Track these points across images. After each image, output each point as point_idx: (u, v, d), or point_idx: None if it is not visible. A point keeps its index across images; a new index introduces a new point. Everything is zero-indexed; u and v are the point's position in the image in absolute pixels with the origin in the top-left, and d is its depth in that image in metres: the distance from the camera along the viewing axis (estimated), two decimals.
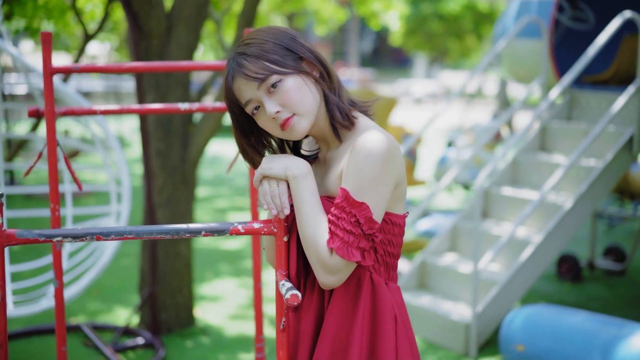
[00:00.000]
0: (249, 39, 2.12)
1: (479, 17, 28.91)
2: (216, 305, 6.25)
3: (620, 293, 6.67)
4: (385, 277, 2.20)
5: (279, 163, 2.14)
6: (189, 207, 5.59)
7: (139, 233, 2.12)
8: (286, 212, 2.12)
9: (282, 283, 2.12)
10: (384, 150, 2.06)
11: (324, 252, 2.07)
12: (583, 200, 5.50)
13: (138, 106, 3.15)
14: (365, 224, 2.06)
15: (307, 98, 2.11)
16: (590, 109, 6.29)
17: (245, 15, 5.16)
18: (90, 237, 2.10)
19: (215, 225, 2.15)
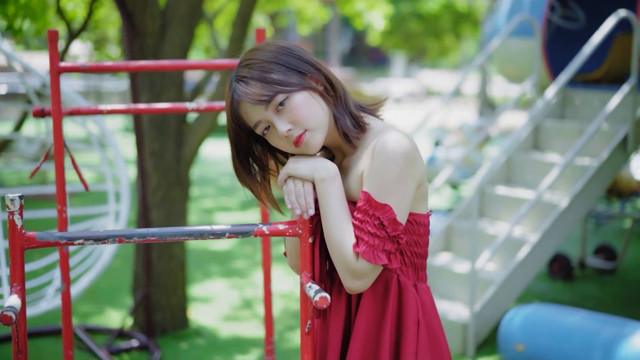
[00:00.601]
0: (247, 61, 2.08)
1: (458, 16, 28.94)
2: (208, 307, 6.20)
3: (613, 292, 6.68)
4: (414, 279, 2.18)
5: (306, 164, 2.10)
6: (183, 208, 5.54)
7: (162, 235, 2.09)
8: (311, 213, 2.09)
9: (309, 285, 2.09)
10: (404, 151, 2.04)
11: (350, 257, 2.04)
12: (578, 199, 5.50)
13: (145, 105, 3.10)
14: (389, 225, 2.03)
15: (317, 112, 2.09)
16: (582, 108, 6.30)
17: (242, 15, 5.12)
18: (112, 239, 2.06)
19: (240, 227, 2.12)
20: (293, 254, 2.31)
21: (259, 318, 5.95)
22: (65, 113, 3.00)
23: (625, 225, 9.35)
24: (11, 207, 1.98)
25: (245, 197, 10.87)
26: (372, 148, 2.07)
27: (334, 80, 2.16)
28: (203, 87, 5.73)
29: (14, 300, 1.98)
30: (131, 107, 3.06)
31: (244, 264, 7.46)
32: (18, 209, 1.98)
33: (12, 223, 1.99)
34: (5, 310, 1.91)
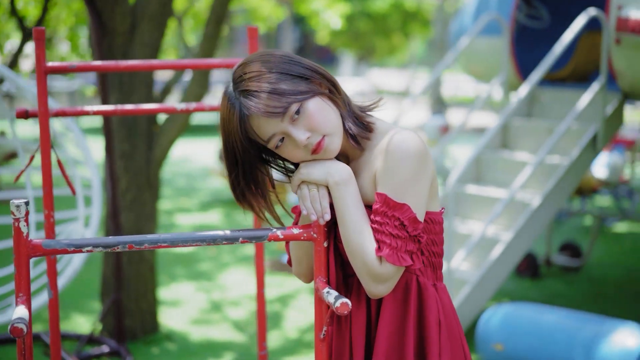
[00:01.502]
0: (249, 74, 2.01)
1: (406, 16, 29.08)
2: (177, 311, 6.09)
3: (580, 289, 6.72)
4: (433, 279, 2.15)
5: (319, 168, 2.05)
6: (153, 210, 5.43)
7: (174, 241, 2.02)
8: (327, 218, 2.04)
9: (326, 291, 2.03)
10: (417, 149, 2.01)
11: (373, 262, 1.99)
12: (550, 198, 5.51)
13: (132, 106, 3.01)
14: (409, 225, 2.00)
15: (331, 116, 2.04)
16: (550, 107, 6.32)
17: (215, 13, 5.03)
18: (122, 246, 1.98)
19: (254, 232, 2.05)
20: (303, 261, 2.24)
21: (230, 321, 5.87)
22: (51, 114, 2.89)
23: (585, 222, 9.45)
24: (17, 214, 1.89)
25: (204, 198, 10.77)
26: (383, 148, 2.03)
27: (337, 82, 2.11)
28: (172, 86, 5.63)
29: (22, 311, 1.89)
30: (118, 108, 2.97)
31: (210, 266, 7.37)
32: (24, 215, 1.89)
33: (18, 230, 1.90)
34: (15, 322, 1.83)
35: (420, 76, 34.41)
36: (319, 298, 2.11)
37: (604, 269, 7.36)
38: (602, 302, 6.33)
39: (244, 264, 7.40)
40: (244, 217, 9.24)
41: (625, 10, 5.41)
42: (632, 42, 5.43)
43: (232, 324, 5.83)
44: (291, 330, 5.66)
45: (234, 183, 2.11)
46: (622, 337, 4.27)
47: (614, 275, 7.15)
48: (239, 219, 9.42)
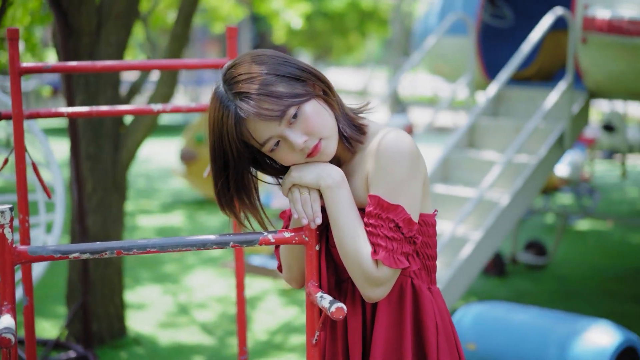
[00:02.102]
0: (242, 75, 1.95)
1: (363, 15, 29.15)
2: (144, 314, 6.01)
3: (546, 287, 6.76)
4: (427, 282, 2.13)
5: (311, 171, 2.01)
6: (120, 213, 5.35)
7: (163, 246, 1.97)
8: (318, 222, 2.00)
9: (320, 296, 2.00)
10: (409, 149, 1.98)
11: (369, 266, 1.96)
12: (519, 197, 5.53)
13: (108, 107, 2.93)
14: (404, 226, 1.97)
15: (327, 119, 2.00)
16: (515, 105, 6.34)
17: (184, 12, 4.96)
18: (110, 252, 1.93)
19: (244, 236, 2.01)
20: (294, 266, 2.20)
21: (198, 324, 5.80)
22: (25, 116, 2.82)
23: (547, 220, 9.51)
24: (1, 220, 1.82)
25: (166, 199, 10.67)
26: (374, 150, 2.00)
27: (330, 84, 2.07)
28: (140, 87, 5.55)
29: (8, 321, 1.82)
30: (93, 110, 2.90)
31: (174, 268, 7.28)
32: (8, 221, 1.83)
33: (2, 237, 1.83)
34: (3, 332, 1.76)
35: (377, 75, 34.49)
36: (311, 303, 2.08)
37: (569, 266, 7.42)
38: (569, 300, 6.37)
39: (209, 265, 7.33)
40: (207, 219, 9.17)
41: (592, 10, 5.45)
42: (598, 41, 5.47)
43: (200, 326, 5.76)
44: (260, 332, 5.61)
45: (222, 188, 2.06)
46: (596, 336, 4.28)
47: (579, 273, 7.21)
48: (202, 221, 9.34)
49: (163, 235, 8.52)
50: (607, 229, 9.14)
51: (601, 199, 10.08)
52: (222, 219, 9.34)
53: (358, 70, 40.19)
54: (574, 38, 5.64)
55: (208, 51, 27.28)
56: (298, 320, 5.85)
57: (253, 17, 24.69)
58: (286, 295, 6.42)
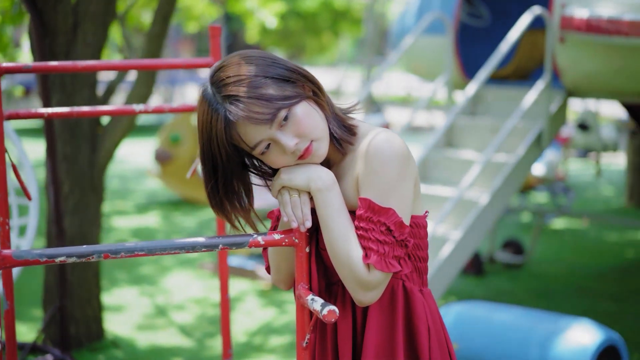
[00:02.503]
0: (230, 78, 1.92)
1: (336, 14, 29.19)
2: (121, 316, 5.95)
3: (524, 285, 6.78)
4: (419, 284, 2.11)
5: (301, 173, 1.98)
6: (97, 214, 5.29)
7: (152, 249, 1.94)
8: (308, 225, 1.97)
9: (311, 298, 1.97)
10: (399, 150, 1.96)
11: (361, 270, 1.93)
12: (498, 196, 5.52)
13: (89, 108, 2.89)
14: (396, 230, 1.95)
15: (318, 120, 1.98)
16: (493, 105, 6.35)
17: (162, 11, 4.91)
18: (97, 255, 1.90)
19: (234, 238, 1.99)
20: (282, 267, 2.17)
21: (176, 326, 5.76)
22: (4, 117, 2.76)
23: (523, 219, 9.55)
24: None
25: (140, 200, 10.59)
26: (365, 151, 1.97)
27: (320, 84, 2.05)
28: (116, 87, 5.48)
29: None
30: (74, 110, 2.85)
31: (151, 269, 7.22)
32: None
33: None
34: None
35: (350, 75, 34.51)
36: (301, 305, 2.05)
37: (546, 265, 7.44)
38: (547, 298, 6.38)
39: (186, 267, 7.27)
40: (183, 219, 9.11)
41: (569, 9, 5.46)
42: (576, 41, 5.48)
43: (178, 328, 5.71)
44: (239, 334, 5.57)
45: (212, 191, 2.03)
46: (577, 335, 4.29)
47: (556, 271, 7.23)
48: (177, 221, 9.27)
49: (138, 237, 8.46)
50: (582, 228, 9.19)
51: (576, 197, 10.13)
52: (198, 220, 9.29)
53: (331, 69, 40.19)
54: (552, 37, 5.65)
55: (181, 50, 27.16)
56: (277, 321, 5.82)
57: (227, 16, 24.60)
58: (264, 296, 6.39)
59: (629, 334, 5.29)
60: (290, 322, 5.77)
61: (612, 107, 17.22)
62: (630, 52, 5.20)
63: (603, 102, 13.64)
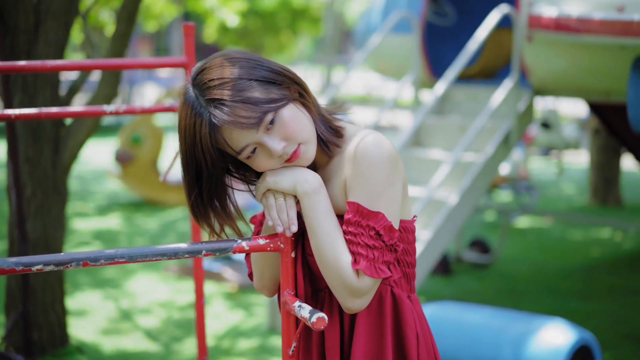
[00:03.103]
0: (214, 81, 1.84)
1: (294, 13, 29.17)
2: (86, 321, 5.83)
3: (492, 285, 6.77)
4: (407, 290, 2.05)
5: (287, 176, 1.91)
6: (61, 217, 5.17)
7: (132, 256, 1.86)
8: (294, 229, 1.90)
9: (298, 305, 1.91)
10: (388, 153, 1.90)
11: (350, 276, 1.87)
12: (467, 195, 5.50)
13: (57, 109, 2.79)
14: (385, 234, 1.89)
15: (305, 123, 1.91)
16: (460, 104, 6.33)
17: (127, 10, 4.80)
18: (76, 263, 1.81)
19: (217, 244, 1.91)
20: (265, 273, 2.10)
21: (142, 330, 5.65)
22: None
23: (487, 218, 9.56)
24: None
25: (101, 202, 10.44)
26: (353, 154, 1.91)
27: (306, 85, 1.98)
28: (79, 87, 5.36)
29: None
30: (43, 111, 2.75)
31: (114, 272, 7.09)
32: None
33: None
34: None
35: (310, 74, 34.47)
36: (287, 312, 1.99)
37: (513, 264, 7.44)
38: (515, 298, 6.38)
39: (151, 269, 7.16)
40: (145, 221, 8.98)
41: (537, 7, 5.44)
42: (544, 39, 5.47)
43: (144, 333, 5.61)
44: (207, 337, 5.45)
45: (196, 199, 1.95)
46: (551, 335, 4.27)
47: (522, 271, 7.24)
48: (140, 223, 9.14)
49: (100, 239, 8.31)
50: (546, 226, 9.23)
51: (539, 196, 10.16)
52: (160, 221, 9.17)
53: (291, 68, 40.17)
54: (519, 36, 5.63)
55: (140, 49, 26.91)
56: (246, 324, 5.74)
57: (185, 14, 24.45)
58: (231, 298, 6.31)
59: (597, 332, 5.29)
60: (259, 325, 5.69)
61: (572, 106, 17.37)
62: (599, 51, 5.20)
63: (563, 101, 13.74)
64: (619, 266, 7.43)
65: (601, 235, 8.74)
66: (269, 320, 5.61)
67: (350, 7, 29.46)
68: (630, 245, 8.28)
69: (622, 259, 7.71)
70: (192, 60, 2.78)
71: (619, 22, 4.73)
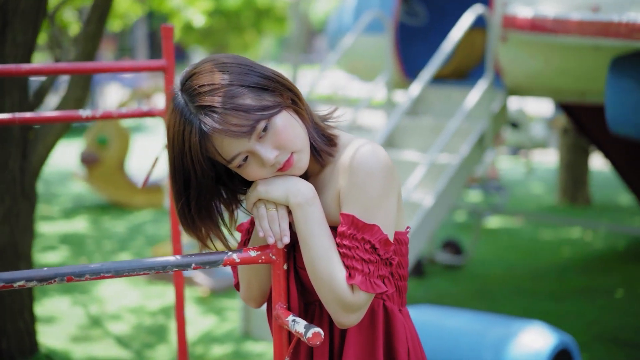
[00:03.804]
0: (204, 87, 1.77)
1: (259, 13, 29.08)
2: (55, 328, 5.71)
3: (465, 287, 6.73)
4: (398, 304, 1.99)
5: (279, 186, 1.84)
6: (30, 222, 5.04)
7: (119, 270, 1.78)
8: (286, 241, 1.83)
9: (292, 319, 1.83)
10: (384, 163, 1.83)
11: (344, 291, 1.80)
12: (442, 197, 5.46)
13: (31, 114, 2.69)
14: (381, 248, 1.82)
15: (299, 131, 1.83)
16: (433, 104, 6.29)
17: (98, 10, 4.69)
18: (60, 279, 1.74)
19: (207, 257, 1.84)
20: (253, 284, 2.03)
21: (112, 337, 5.54)
22: None
23: (458, 218, 9.54)
24: None
25: (67, 204, 10.29)
26: (347, 163, 1.84)
27: (298, 92, 1.90)
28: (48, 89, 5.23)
29: None
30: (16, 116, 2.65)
31: None
32: None
33: None
34: None
35: None
36: (279, 326, 1.91)
37: (485, 265, 7.42)
38: (489, 299, 6.35)
39: None
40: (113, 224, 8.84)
41: (511, 8, 5.41)
42: (519, 40, 5.44)
43: (115, 339, 5.50)
44: None
45: (183, 209, 1.87)
46: (531, 339, 4.24)
47: (495, 272, 7.21)
48: (107, 226, 9.00)
49: (67, 243, 8.17)
50: (517, 226, 9.22)
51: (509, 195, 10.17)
52: (128, 224, 9.04)
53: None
54: (493, 36, 5.60)
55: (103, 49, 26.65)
56: (218, 329, 5.64)
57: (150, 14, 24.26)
58: (203, 303, 6.21)
59: (572, 334, 5.27)
60: (232, 330, 5.60)
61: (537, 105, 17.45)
62: (575, 52, 5.18)
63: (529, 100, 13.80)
64: (590, 266, 7.43)
65: (572, 235, 8.76)
66: (242, 325, 5.52)
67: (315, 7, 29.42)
68: (601, 245, 8.29)
69: (593, 259, 7.72)
70: (172, 63, 2.69)
71: (596, 23, 4.71)
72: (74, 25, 11.07)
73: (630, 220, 9.44)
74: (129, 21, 14.23)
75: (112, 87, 22.60)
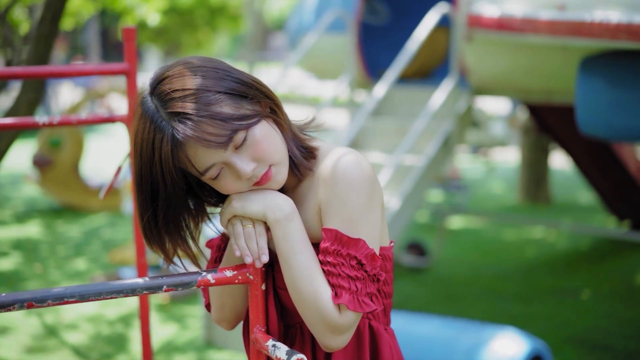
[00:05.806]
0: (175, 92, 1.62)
1: (212, 11, 28.88)
2: (8, 339, 5.49)
3: (431, 289, 6.64)
4: (384, 323, 1.85)
5: (256, 201, 1.69)
6: None
7: (84, 295, 1.64)
8: (264, 260, 1.69)
9: (272, 344, 1.69)
10: (367, 174, 1.70)
11: (331, 312, 1.66)
12: (409, 199, 5.35)
13: None
14: (368, 263, 1.69)
15: (278, 143, 1.69)
16: (397, 105, 6.18)
17: (51, 9, 4.48)
18: (19, 305, 1.59)
19: (180, 278, 1.70)
20: (226, 306, 1.88)
21: (69, 347, 5.35)
22: None
23: (420, 219, 9.45)
24: None
25: (19, 208, 10.02)
26: (328, 175, 1.70)
27: (277, 100, 1.75)
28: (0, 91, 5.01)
29: None
30: None
31: (37, 285, 6.74)
32: None
33: None
34: None
35: None
36: (257, 351, 1.77)
37: (450, 267, 7.33)
38: (455, 302, 6.26)
39: (76, 280, 6.82)
40: (67, 228, 8.60)
41: (476, 7, 5.31)
42: (485, 39, 5.34)
43: (72, 349, 5.31)
44: (139, 353, 5.21)
45: (149, 221, 1.71)
46: (504, 345, 4.14)
47: (460, 273, 7.13)
48: (61, 230, 8.75)
49: (20, 249, 7.92)
50: (479, 226, 9.16)
51: (470, 195, 10.11)
52: (83, 228, 8.80)
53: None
54: (458, 36, 5.50)
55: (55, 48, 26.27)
56: (180, 338, 5.47)
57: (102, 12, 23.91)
58: (163, 310, 6.03)
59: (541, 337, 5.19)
60: (194, 339, 5.44)
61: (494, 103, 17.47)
62: (543, 51, 5.10)
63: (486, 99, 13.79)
64: (555, 266, 7.39)
65: (535, 234, 8.71)
66: (204, 333, 5.36)
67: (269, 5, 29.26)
68: (565, 245, 8.26)
69: (557, 259, 7.68)
70: (134, 66, 2.54)
71: (564, 22, 4.63)
72: (25, 24, 10.78)
73: (592, 218, 9.43)
74: (81, 19, 13.92)
75: (64, 86, 22.20)
